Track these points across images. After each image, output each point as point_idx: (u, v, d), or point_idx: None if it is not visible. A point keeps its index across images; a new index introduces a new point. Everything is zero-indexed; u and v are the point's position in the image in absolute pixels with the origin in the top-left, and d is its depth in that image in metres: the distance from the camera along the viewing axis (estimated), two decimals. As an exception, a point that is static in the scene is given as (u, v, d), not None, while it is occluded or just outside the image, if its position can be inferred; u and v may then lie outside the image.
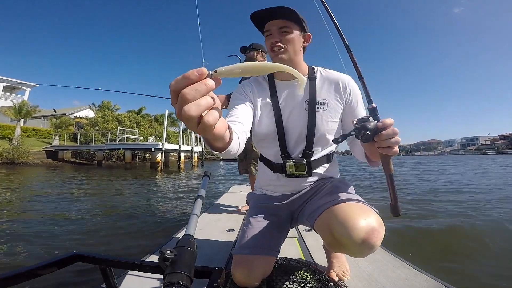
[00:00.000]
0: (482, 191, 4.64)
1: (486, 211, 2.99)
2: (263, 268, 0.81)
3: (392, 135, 0.60)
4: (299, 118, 0.87)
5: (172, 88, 0.31)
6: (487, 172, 9.23)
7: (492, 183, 5.99)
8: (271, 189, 0.98)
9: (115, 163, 19.32)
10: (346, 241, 0.65)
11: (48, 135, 21.03)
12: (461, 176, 8.07)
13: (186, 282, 0.48)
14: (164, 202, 4.13)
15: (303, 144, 0.87)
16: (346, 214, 0.68)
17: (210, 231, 1.65)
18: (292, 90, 0.88)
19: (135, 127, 21.31)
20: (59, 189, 5.56)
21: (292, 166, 0.86)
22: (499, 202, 3.56)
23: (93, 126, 21.37)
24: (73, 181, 7.19)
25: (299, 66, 0.88)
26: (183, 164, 15.83)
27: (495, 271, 1.53)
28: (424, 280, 0.97)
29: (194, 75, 0.31)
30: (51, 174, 10.08)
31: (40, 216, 3.05)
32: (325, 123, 0.86)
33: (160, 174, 10.81)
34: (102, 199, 4.47)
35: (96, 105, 32.36)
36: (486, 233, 2.16)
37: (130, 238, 2.29)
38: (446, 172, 9.95)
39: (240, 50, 2.20)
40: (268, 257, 0.83)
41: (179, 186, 6.51)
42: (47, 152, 17.29)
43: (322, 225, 0.76)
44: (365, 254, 0.66)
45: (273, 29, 0.84)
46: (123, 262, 0.52)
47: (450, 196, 4.20)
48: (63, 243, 2.15)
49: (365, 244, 0.63)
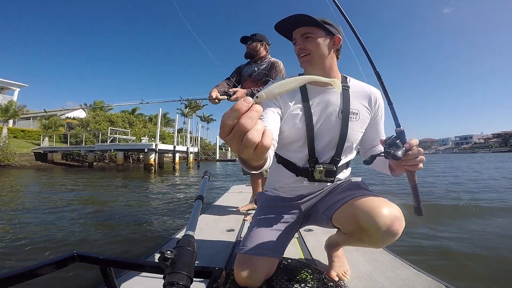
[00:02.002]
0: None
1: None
2: (266, 270, 0.83)
3: (417, 155, 0.68)
4: (332, 125, 0.90)
5: (227, 123, 0.33)
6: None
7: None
8: (288, 191, 0.99)
9: (108, 164, 19.14)
10: (371, 228, 0.70)
11: (38, 136, 20.76)
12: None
13: (186, 282, 0.49)
14: (160, 205, 4.12)
15: (333, 151, 0.91)
16: (370, 204, 0.73)
17: (210, 231, 1.67)
18: (325, 97, 0.90)
19: (128, 128, 21.12)
20: (46, 193, 5.50)
21: (322, 171, 0.88)
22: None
23: (84, 127, 21.17)
24: (56, 185, 7.00)
25: (332, 70, 0.91)
26: (178, 165, 15.69)
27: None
28: (424, 280, 0.99)
29: (244, 106, 0.33)
30: (38, 176, 9.93)
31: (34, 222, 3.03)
32: (356, 133, 0.92)
33: (153, 176, 10.64)
34: (88, 201, 4.44)
35: (88, 105, 32.06)
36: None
37: (130, 238, 2.31)
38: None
39: (241, 40, 2.12)
40: (272, 259, 0.85)
41: (171, 190, 6.24)
42: (36, 154, 17.03)
43: (343, 216, 0.80)
44: (388, 241, 0.71)
45: (297, 37, 0.89)
46: (123, 262, 0.53)
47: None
48: (61, 244, 2.17)
49: (390, 231, 0.68)
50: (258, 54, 2.09)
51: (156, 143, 14.18)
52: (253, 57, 2.11)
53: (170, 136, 23.28)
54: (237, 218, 2.00)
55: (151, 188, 6.50)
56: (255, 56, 2.10)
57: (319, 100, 0.90)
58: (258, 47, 2.08)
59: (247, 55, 2.12)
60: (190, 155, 18.03)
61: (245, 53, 2.13)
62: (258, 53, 2.09)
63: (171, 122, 28.61)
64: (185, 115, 39.94)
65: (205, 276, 0.61)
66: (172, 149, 15.79)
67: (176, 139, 16.43)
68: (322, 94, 0.91)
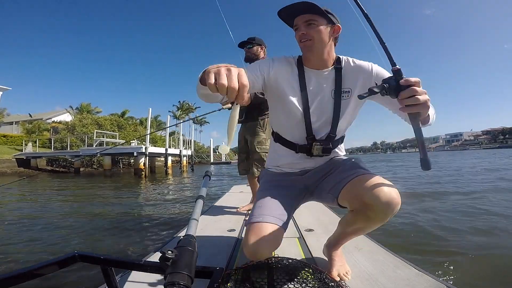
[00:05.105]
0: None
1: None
2: (272, 237, 0.88)
3: (414, 93, 0.68)
4: (326, 105, 1.00)
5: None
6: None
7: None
8: (292, 167, 1.09)
9: (96, 170, 18.79)
10: (374, 202, 0.80)
11: (21, 142, 20.38)
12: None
13: (187, 282, 0.50)
14: (162, 206, 4.11)
15: (328, 128, 1.01)
16: (372, 182, 0.83)
17: (211, 231, 1.69)
18: (319, 79, 1.00)
19: (116, 131, 20.78)
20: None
21: (319, 149, 0.99)
22: None
23: (70, 131, 20.79)
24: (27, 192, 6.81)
25: (329, 56, 0.99)
26: (171, 169, 15.40)
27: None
28: (425, 280, 1.00)
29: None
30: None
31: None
32: (348, 111, 1.00)
33: (144, 181, 10.36)
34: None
35: (74, 107, 31.59)
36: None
37: (130, 240, 2.33)
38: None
39: (239, 45, 2.21)
40: (277, 227, 0.91)
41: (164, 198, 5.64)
42: (18, 160, 16.72)
43: (349, 193, 0.89)
44: (388, 214, 0.81)
45: (299, 23, 0.96)
46: (124, 262, 0.54)
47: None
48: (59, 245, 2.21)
49: (390, 204, 0.79)
50: (258, 57, 2.19)
51: (146, 146, 13.76)
52: (253, 61, 2.20)
53: (162, 140, 22.99)
54: (237, 218, 2.03)
55: (140, 196, 6.36)
56: (255, 60, 2.18)
57: (314, 81, 1.00)
58: (259, 51, 2.19)
59: (247, 59, 2.21)
60: (184, 158, 17.83)
61: (245, 57, 2.22)
62: (258, 57, 2.19)
63: (163, 125, 28.35)
64: (177, 118, 39.77)
65: (206, 276, 0.63)
66: (164, 153, 15.46)
67: (168, 142, 16.13)
68: (317, 76, 1.00)
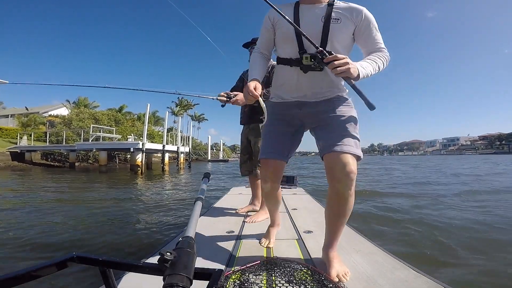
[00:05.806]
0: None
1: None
2: (273, 168, 1.22)
3: (334, 65, 0.94)
4: (316, 25, 1.12)
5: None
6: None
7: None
8: (287, 89, 1.23)
9: (92, 165, 18.69)
10: (336, 168, 1.02)
11: (16, 135, 20.25)
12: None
13: (185, 283, 0.50)
14: (160, 206, 4.12)
15: (318, 43, 1.08)
16: (340, 161, 1.02)
17: (210, 232, 1.69)
18: (312, 10, 1.14)
19: (114, 126, 20.66)
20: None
21: (308, 57, 1.09)
22: None
23: (67, 125, 20.65)
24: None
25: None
26: (167, 166, 15.33)
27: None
28: (423, 281, 1.01)
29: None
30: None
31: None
32: (338, 32, 1.10)
33: (140, 178, 10.19)
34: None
35: (71, 101, 31.35)
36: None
37: (130, 240, 2.35)
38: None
39: (243, 46, 2.23)
40: (278, 161, 1.22)
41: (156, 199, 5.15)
42: (12, 153, 16.60)
43: (326, 163, 1.08)
44: (347, 178, 1.01)
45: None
46: (122, 263, 0.54)
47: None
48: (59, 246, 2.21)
49: (346, 170, 1.00)
50: None
51: (143, 141, 13.60)
52: None
53: (159, 135, 22.84)
54: (237, 219, 2.03)
55: (138, 192, 6.38)
56: None
57: (306, 11, 1.15)
58: None
59: None
60: (181, 155, 17.78)
61: (250, 58, 2.21)
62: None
63: (161, 121, 28.27)
64: (176, 114, 39.66)
65: (204, 278, 0.63)
66: (161, 149, 15.32)
67: (165, 138, 16.02)
68: (310, 8, 1.15)
